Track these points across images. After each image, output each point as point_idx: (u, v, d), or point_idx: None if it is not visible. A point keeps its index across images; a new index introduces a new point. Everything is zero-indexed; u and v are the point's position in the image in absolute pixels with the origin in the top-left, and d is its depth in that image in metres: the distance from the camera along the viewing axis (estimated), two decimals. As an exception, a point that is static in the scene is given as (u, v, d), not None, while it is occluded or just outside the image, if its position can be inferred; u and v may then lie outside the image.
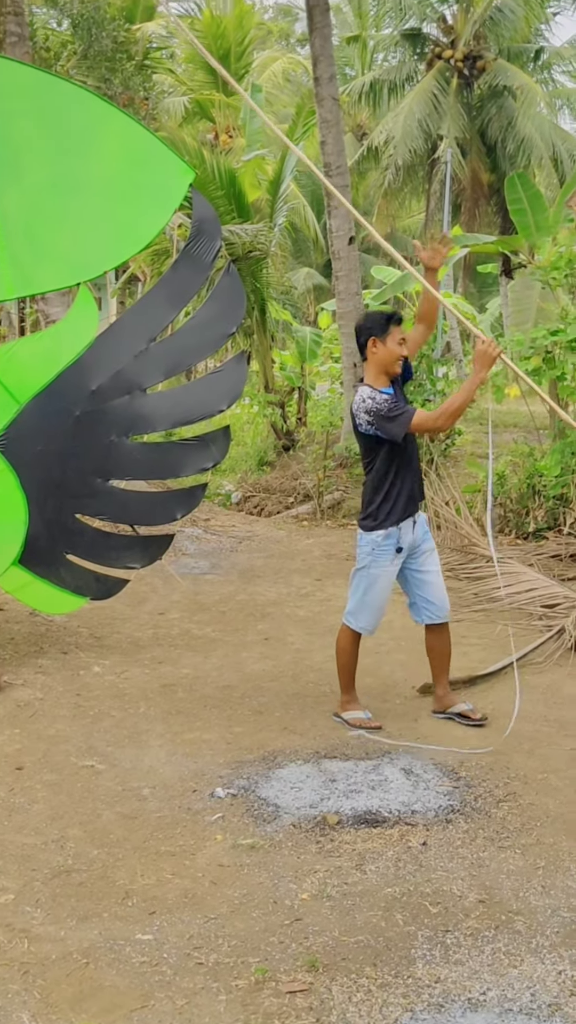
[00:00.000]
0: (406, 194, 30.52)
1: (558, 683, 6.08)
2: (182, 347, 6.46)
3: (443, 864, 3.90)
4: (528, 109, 26.42)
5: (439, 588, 5.36)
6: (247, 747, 5.03)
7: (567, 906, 3.62)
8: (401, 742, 5.06)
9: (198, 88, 30.26)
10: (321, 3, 11.74)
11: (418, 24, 27.60)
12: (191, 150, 13.95)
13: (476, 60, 26.74)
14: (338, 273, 12.13)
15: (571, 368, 10.05)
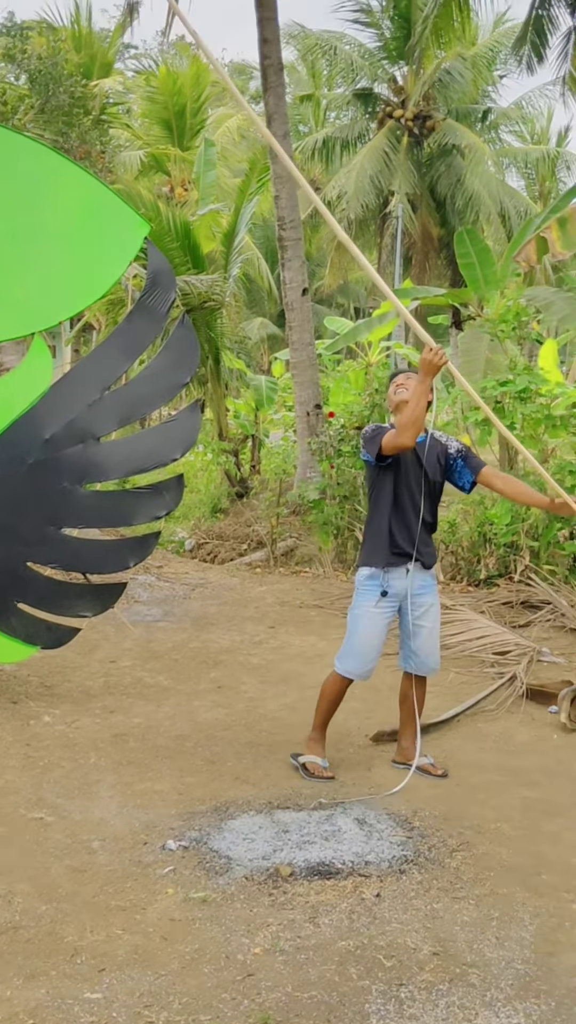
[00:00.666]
0: (358, 247, 30.93)
1: (511, 731, 6.09)
2: (136, 396, 6.47)
3: (397, 916, 3.86)
4: (476, 167, 26.98)
5: (429, 643, 5.35)
6: (199, 798, 4.97)
7: (521, 958, 3.60)
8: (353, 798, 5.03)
9: (154, 142, 30.57)
10: (275, 63, 11.93)
11: (369, 84, 28.16)
12: (147, 202, 14.06)
13: (426, 119, 27.30)
14: (292, 324, 12.23)
15: (520, 418, 10.19)
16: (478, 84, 28.89)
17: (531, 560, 9.47)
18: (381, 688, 6.65)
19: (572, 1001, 3.34)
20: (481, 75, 28.43)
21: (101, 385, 6.24)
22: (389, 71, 28.04)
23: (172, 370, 6.42)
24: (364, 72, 27.72)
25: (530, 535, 9.63)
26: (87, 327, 21.64)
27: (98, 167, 21.20)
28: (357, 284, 42.37)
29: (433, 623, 5.36)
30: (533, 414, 10.22)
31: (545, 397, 11.19)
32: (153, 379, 6.48)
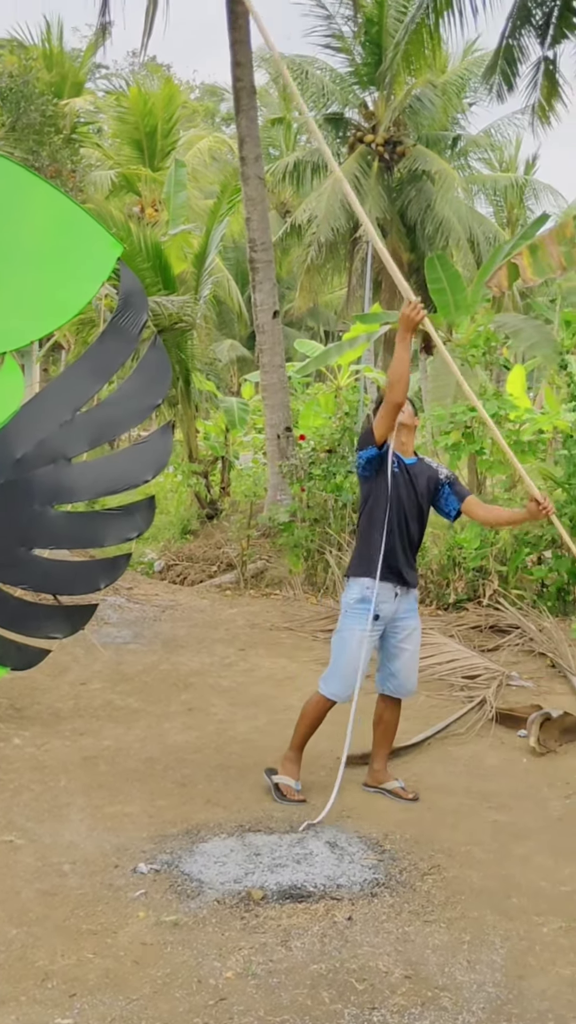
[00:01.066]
0: (328, 270, 31.06)
1: (480, 754, 6.12)
2: (108, 417, 6.48)
3: (369, 939, 3.87)
4: (446, 193, 27.22)
5: (409, 666, 5.37)
6: (170, 821, 4.96)
7: (492, 981, 3.61)
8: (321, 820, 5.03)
9: (125, 162, 30.65)
10: (247, 86, 12.03)
11: (340, 109, 28.38)
12: (118, 222, 14.10)
13: (396, 145, 27.52)
14: (262, 346, 12.29)
15: (489, 443, 10.28)
16: (448, 111, 29.18)
17: (499, 584, 9.54)
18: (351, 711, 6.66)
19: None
20: (451, 102, 28.72)
21: (73, 406, 6.24)
22: (360, 96, 28.26)
23: (144, 391, 6.44)
24: (335, 97, 27.93)
25: (498, 559, 9.70)
26: (56, 346, 21.62)
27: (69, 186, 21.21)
28: (327, 307, 42.58)
29: (415, 646, 5.39)
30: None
31: (513, 423, 11.31)
32: (125, 400, 6.49)
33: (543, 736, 6.20)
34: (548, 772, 5.84)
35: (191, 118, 40.16)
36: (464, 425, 10.30)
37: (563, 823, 5.11)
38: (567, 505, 9.64)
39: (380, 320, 13.72)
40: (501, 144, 32.90)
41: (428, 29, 13.76)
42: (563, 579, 9.67)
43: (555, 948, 3.86)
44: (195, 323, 14.05)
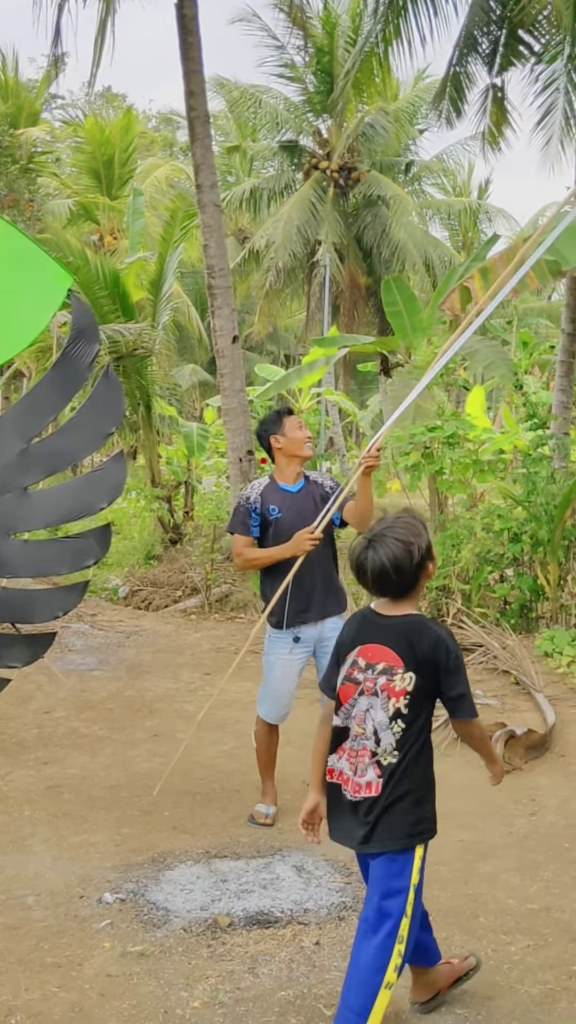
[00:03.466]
0: (287, 295, 31.24)
1: (446, 774, 6.09)
2: (62, 447, 6.47)
3: (337, 964, 3.85)
4: (401, 218, 27.50)
5: None
6: (136, 849, 4.92)
7: (460, 1002, 3.61)
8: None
9: (82, 191, 30.72)
10: (201, 115, 12.10)
11: (295, 137, 28.64)
12: (75, 251, 14.11)
13: (351, 171, 27.80)
14: (222, 371, 12.31)
15: (449, 463, 10.36)
16: (400, 137, 29.53)
17: (462, 603, 9.58)
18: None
19: (512, 1043, 3.36)
20: (403, 129, 29.08)
21: (28, 435, 6.23)
22: (314, 124, 28.55)
23: (98, 420, 6.44)
24: (289, 124, 28.20)
25: (461, 578, 9.75)
26: (17, 374, 21.55)
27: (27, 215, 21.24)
28: (287, 331, 42.75)
29: None
30: (461, 459, 10.40)
31: (473, 443, 11.40)
32: (80, 429, 6.49)
33: (508, 754, 6.22)
34: (514, 790, 5.85)
35: (148, 147, 40.32)
36: (424, 446, 10.37)
37: (529, 840, 5.12)
38: (527, 523, 9.71)
39: (338, 344, 13.80)
40: (454, 169, 33.33)
41: (377, 58, 13.91)
42: (525, 596, 9.74)
43: (523, 967, 3.86)
44: (154, 349, 14.06)
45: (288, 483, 5.28)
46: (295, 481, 5.29)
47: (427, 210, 31.92)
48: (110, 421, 6.46)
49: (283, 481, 5.29)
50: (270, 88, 28.37)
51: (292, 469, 5.29)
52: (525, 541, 9.71)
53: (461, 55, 13.27)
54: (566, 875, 4.69)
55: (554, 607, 9.61)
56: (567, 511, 9.57)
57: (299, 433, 5.25)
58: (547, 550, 9.56)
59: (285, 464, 5.29)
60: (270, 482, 5.31)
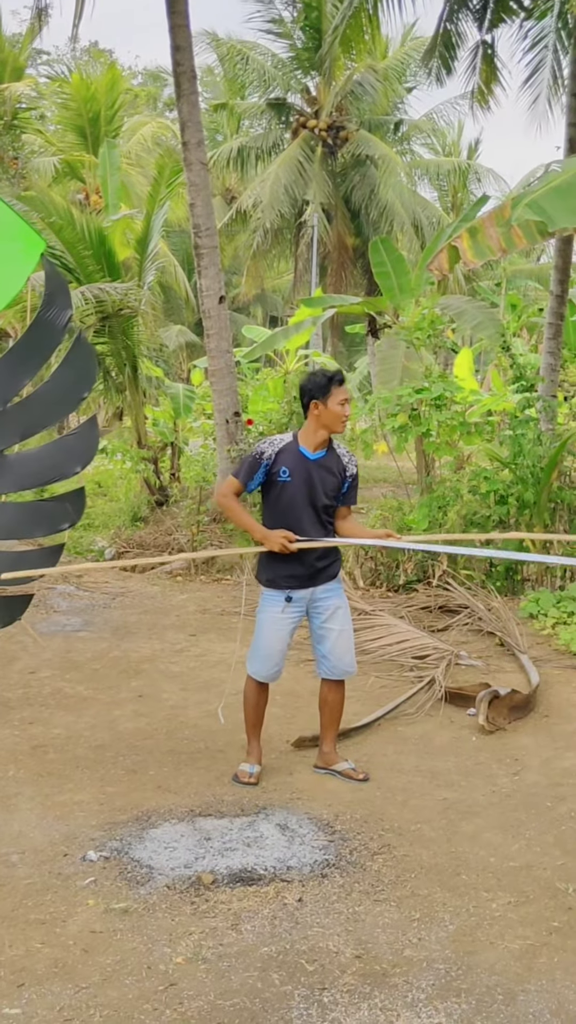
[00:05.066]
0: (274, 256, 31.06)
1: (430, 733, 6.16)
2: (37, 410, 6.45)
3: (319, 920, 3.88)
4: (389, 178, 27.28)
5: (339, 646, 5.33)
6: (120, 808, 4.93)
7: (442, 958, 3.64)
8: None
9: (68, 149, 30.35)
10: (188, 71, 11.92)
11: (283, 94, 28.31)
12: (60, 210, 13.91)
13: (339, 130, 27.53)
14: (209, 332, 12.23)
15: (436, 425, 10.33)
16: (389, 96, 29.24)
17: (448, 565, 9.59)
18: (302, 694, 6.68)
19: (492, 999, 3.39)
20: (392, 87, 28.78)
21: (3, 398, 6.21)
22: (302, 81, 28.22)
23: (72, 384, 6.45)
24: (277, 82, 27.87)
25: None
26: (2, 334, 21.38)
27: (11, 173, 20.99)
28: (274, 293, 42.51)
29: (342, 625, 5.34)
30: (448, 421, 10.37)
31: (460, 404, 11.37)
32: (53, 393, 6.48)
33: (492, 714, 6.25)
34: (497, 750, 5.89)
35: (134, 103, 39.82)
36: (411, 407, 10.33)
37: (511, 799, 5.15)
38: (513, 485, 9.71)
39: (325, 304, 13.72)
40: (444, 129, 33.05)
41: (367, 13, 13.72)
42: (511, 559, 9.75)
43: (504, 923, 3.89)
44: (140, 309, 13.93)
45: (309, 448, 5.18)
46: (317, 448, 5.19)
47: (416, 170, 31.67)
48: (84, 385, 6.48)
49: (305, 445, 5.19)
50: (258, 44, 28.00)
51: (319, 436, 5.19)
52: (511, 503, 9.71)
53: (452, 11, 13.11)
54: (548, 834, 4.73)
55: (539, 569, 9.64)
56: (553, 473, 9.57)
57: (340, 409, 5.11)
58: (533, 512, 9.57)
59: (314, 430, 5.17)
60: (292, 442, 5.19)
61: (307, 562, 5.19)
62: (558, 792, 5.24)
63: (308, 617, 5.35)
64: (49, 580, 9.98)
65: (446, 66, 13.65)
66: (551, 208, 6.63)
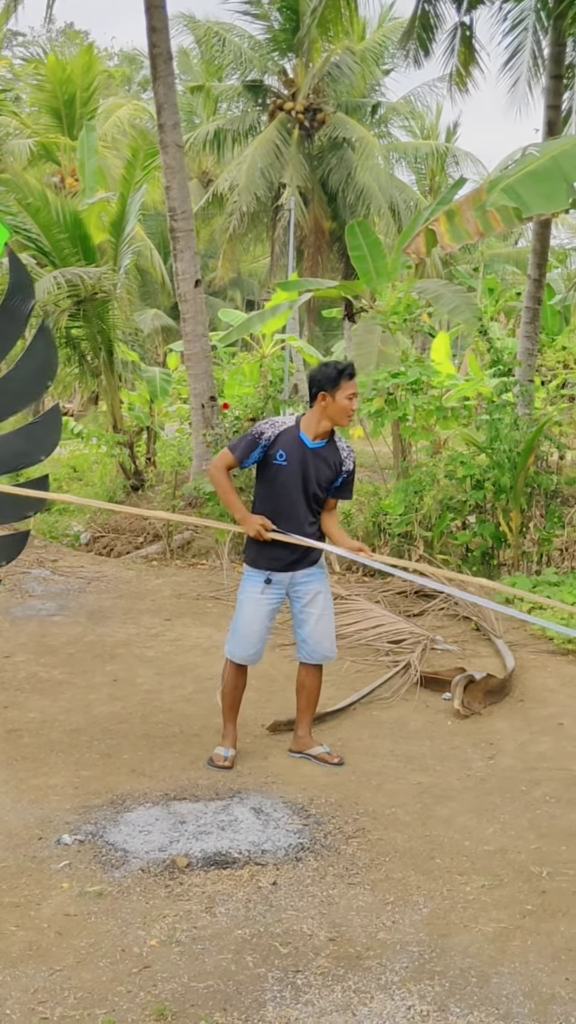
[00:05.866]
0: (251, 239, 30.93)
1: (405, 718, 6.17)
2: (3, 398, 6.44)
3: (293, 903, 3.88)
4: (366, 161, 27.20)
5: (318, 630, 5.33)
6: (95, 791, 4.92)
7: (415, 940, 3.65)
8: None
9: (43, 131, 30.08)
10: (164, 52, 11.84)
11: (259, 76, 28.15)
12: (36, 192, 13.81)
13: (316, 113, 27.41)
14: (185, 315, 12.18)
15: (412, 409, 10.32)
16: (366, 78, 29.13)
17: (425, 550, 9.61)
18: (277, 678, 6.68)
19: (465, 981, 3.41)
20: (369, 70, 28.66)
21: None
22: (279, 63, 28.07)
23: (35, 374, 6.46)
24: (254, 64, 27.71)
25: (423, 525, 9.77)
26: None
27: (-15, 155, 20.77)
28: (251, 276, 42.37)
29: (322, 610, 5.34)
30: (425, 405, 10.37)
31: (437, 389, 11.37)
32: (18, 382, 6.46)
33: (467, 698, 6.27)
34: (472, 734, 5.91)
35: (108, 85, 39.48)
36: (387, 392, 10.32)
37: (486, 783, 5.17)
38: (490, 470, 9.73)
39: (301, 288, 13.68)
40: (422, 112, 32.95)
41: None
42: (487, 543, 9.79)
43: (477, 906, 3.91)
44: (115, 293, 13.85)
45: (310, 436, 5.15)
46: (318, 438, 5.15)
47: (393, 153, 31.57)
48: (47, 375, 6.49)
49: (306, 432, 5.16)
50: (235, 25, 27.82)
51: (322, 427, 5.16)
52: (488, 488, 9.74)
53: (430, -9, 13.06)
54: (522, 817, 4.75)
55: (516, 554, 9.68)
56: (530, 458, 9.59)
57: (347, 403, 5.07)
58: (509, 497, 9.60)
59: (317, 420, 5.13)
60: (293, 426, 5.16)
61: (290, 546, 5.18)
62: (533, 776, 5.27)
63: (289, 601, 5.34)
64: (24, 564, 9.92)
65: (424, 48, 13.60)
66: (526, 193, 6.62)
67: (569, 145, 7.34)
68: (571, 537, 9.79)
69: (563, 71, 12.65)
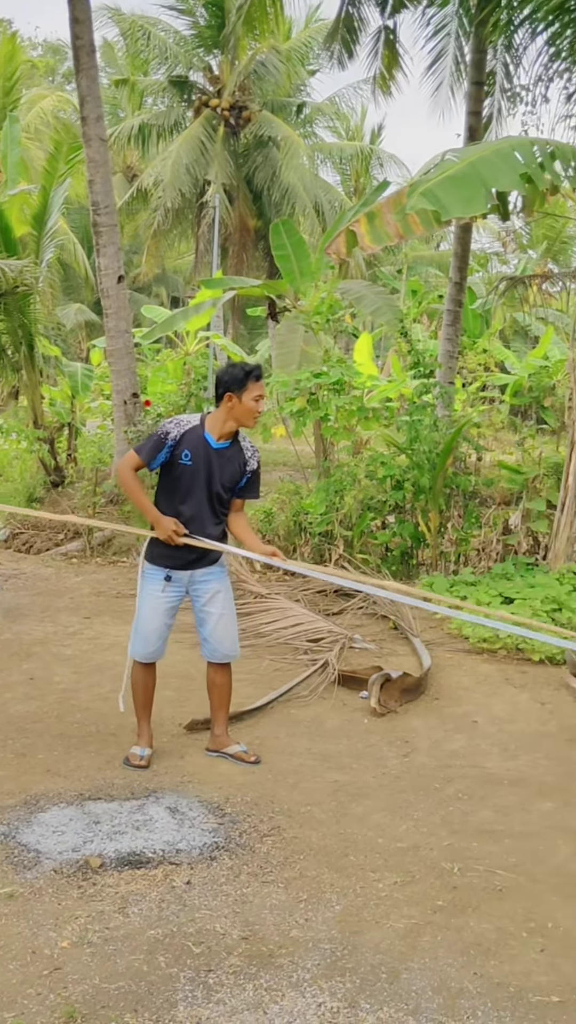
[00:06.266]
0: (175, 236, 30.77)
1: (322, 716, 6.21)
2: None
3: (207, 903, 3.88)
4: (291, 160, 27.25)
5: (219, 630, 5.32)
6: (8, 791, 4.86)
7: (327, 938, 3.68)
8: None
9: (-38, 121, 29.56)
10: (87, 44, 11.71)
11: (185, 72, 28.02)
12: (-45, 183, 13.59)
13: (242, 110, 27.39)
14: (107, 311, 12.07)
15: (334, 409, 10.38)
16: (292, 78, 29.17)
17: (345, 549, 9.67)
18: (196, 677, 6.66)
19: (376, 977, 3.44)
20: (295, 69, 28.72)
21: None
22: (204, 60, 27.97)
23: None
24: (179, 59, 27.57)
25: (344, 525, 9.83)
26: None
27: None
28: (175, 273, 42.17)
29: (222, 609, 5.33)
30: (347, 406, 10.43)
31: (359, 389, 11.44)
32: None
33: (384, 697, 6.33)
34: (388, 732, 5.97)
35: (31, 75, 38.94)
36: (309, 392, 10.36)
37: (401, 781, 5.23)
38: (409, 471, 9.82)
39: (225, 286, 13.65)
40: (347, 113, 33.10)
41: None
42: (406, 543, 9.88)
43: (390, 903, 3.95)
44: (37, 287, 13.67)
45: (214, 436, 5.13)
46: (222, 438, 5.14)
47: (319, 153, 31.68)
48: None
49: (211, 432, 5.14)
50: (160, 20, 27.64)
51: (227, 427, 5.14)
52: (407, 488, 9.83)
53: (354, -6, 13.13)
54: (435, 814, 4.81)
55: (434, 554, 9.78)
56: (449, 459, 9.71)
57: (254, 405, 5.07)
58: (428, 498, 9.70)
59: (223, 420, 5.12)
60: (198, 426, 5.13)
61: (189, 545, 5.16)
62: (446, 774, 5.34)
63: (191, 598, 5.33)
64: None
65: (348, 50, 13.67)
66: (445, 197, 6.69)
67: (488, 151, 7.44)
68: (488, 537, 9.93)
69: (484, 78, 12.82)
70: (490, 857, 4.37)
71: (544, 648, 7.34)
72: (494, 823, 4.75)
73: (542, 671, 7.18)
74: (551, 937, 3.75)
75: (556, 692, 6.76)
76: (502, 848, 4.48)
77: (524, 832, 4.66)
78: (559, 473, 9.76)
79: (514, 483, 10.37)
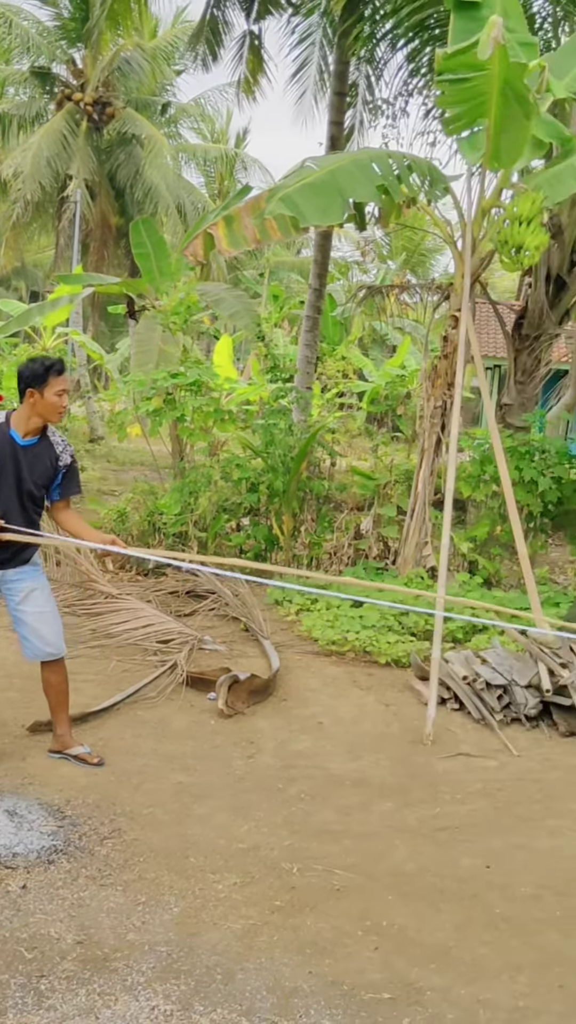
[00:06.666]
0: (35, 229, 30.21)
1: (168, 717, 6.18)
2: None
3: (42, 907, 3.82)
4: (155, 159, 27.11)
5: (38, 628, 5.20)
6: None
7: (164, 940, 3.66)
8: (7, 784, 4.92)
9: None
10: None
11: (47, 64, 27.57)
12: None
13: (105, 106, 27.11)
14: (-41, 303, 11.79)
15: (191, 410, 10.36)
16: (157, 77, 29.03)
17: (199, 550, 9.65)
18: (39, 678, 6.54)
19: (211, 979, 3.44)
20: (160, 68, 28.59)
21: None
22: (68, 52, 27.58)
23: None
24: (42, 51, 27.10)
25: (198, 526, 9.82)
26: None
27: None
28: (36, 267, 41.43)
29: (39, 607, 5.22)
30: (204, 407, 10.42)
31: (216, 391, 11.45)
32: None
33: (231, 698, 6.33)
34: (234, 733, 5.98)
35: None
36: (166, 392, 10.32)
37: (244, 782, 5.25)
38: (264, 474, 9.87)
39: (84, 282, 13.49)
40: (212, 115, 33.12)
41: (136, -12, 13.59)
42: (260, 546, 9.93)
43: (228, 904, 3.96)
44: None
45: (20, 433, 5.02)
46: (29, 435, 5.02)
47: (183, 154, 31.60)
48: None
49: (17, 428, 5.02)
50: (22, 9, 27.14)
51: (32, 423, 5.03)
52: (262, 491, 9.88)
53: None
54: (276, 815, 4.84)
55: (287, 557, 9.86)
56: (303, 463, 9.80)
57: (57, 400, 4.96)
58: (283, 501, 9.77)
59: (27, 416, 5.00)
60: (3, 423, 5.01)
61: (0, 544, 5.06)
62: (289, 774, 5.38)
63: (5, 600, 5.23)
64: None
65: (212, 52, 13.70)
66: (303, 204, 6.76)
67: (347, 161, 7.55)
68: (340, 542, 10.06)
69: (346, 89, 13.02)
70: (329, 857, 4.43)
71: (390, 651, 7.48)
72: (334, 823, 4.81)
73: (388, 673, 7.31)
74: (386, 935, 3.82)
75: (400, 694, 6.89)
76: (341, 848, 4.54)
77: (363, 832, 4.74)
78: (410, 480, 9.95)
79: (366, 489, 10.53)
